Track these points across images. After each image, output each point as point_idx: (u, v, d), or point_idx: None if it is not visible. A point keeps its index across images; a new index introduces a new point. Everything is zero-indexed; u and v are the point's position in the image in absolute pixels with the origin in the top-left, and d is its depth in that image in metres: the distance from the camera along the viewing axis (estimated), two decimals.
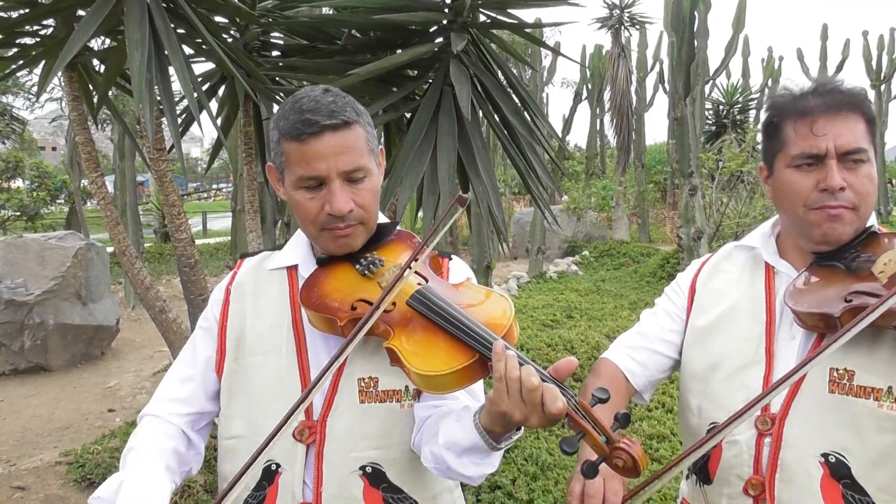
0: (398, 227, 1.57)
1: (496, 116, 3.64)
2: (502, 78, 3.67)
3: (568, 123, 19.05)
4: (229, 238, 9.40)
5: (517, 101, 3.64)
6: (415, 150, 3.29)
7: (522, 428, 1.28)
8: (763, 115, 1.62)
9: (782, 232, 1.64)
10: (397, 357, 1.27)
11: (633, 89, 17.57)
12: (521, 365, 1.18)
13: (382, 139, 4.26)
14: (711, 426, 1.55)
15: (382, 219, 1.55)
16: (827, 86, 1.50)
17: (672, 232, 15.81)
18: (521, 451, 4.17)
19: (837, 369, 1.41)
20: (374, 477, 1.42)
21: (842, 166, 1.44)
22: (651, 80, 18.51)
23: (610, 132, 18.61)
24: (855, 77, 18.88)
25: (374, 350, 1.41)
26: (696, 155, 7.80)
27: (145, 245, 14.61)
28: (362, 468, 1.42)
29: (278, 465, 1.43)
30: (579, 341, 5.98)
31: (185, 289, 3.60)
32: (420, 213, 3.54)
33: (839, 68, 18.40)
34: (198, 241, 18.32)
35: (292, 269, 1.55)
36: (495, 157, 17.42)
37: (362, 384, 1.43)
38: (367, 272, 1.43)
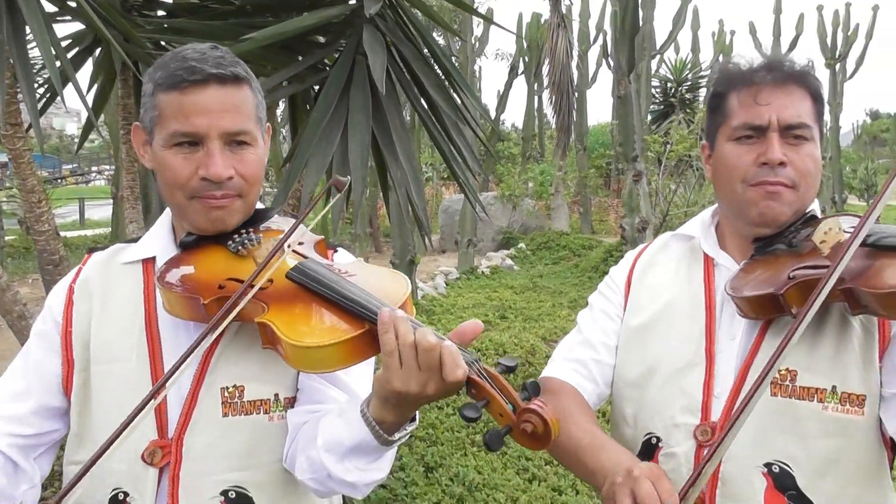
0: (277, 215, 1.55)
1: (417, 91, 3.60)
2: (425, 48, 3.63)
3: (503, 100, 19.20)
4: (110, 229, 9.09)
5: (441, 74, 3.61)
6: (322, 128, 3.21)
7: (417, 419, 1.28)
8: (710, 89, 1.67)
9: (722, 219, 1.69)
10: (271, 332, 1.23)
11: (574, 64, 17.82)
12: (415, 329, 1.16)
13: (288, 116, 4.16)
14: (647, 437, 1.57)
15: (259, 205, 1.52)
16: (776, 61, 1.57)
17: (616, 222, 16.12)
18: (445, 471, 4.17)
19: (780, 369, 1.45)
20: (239, 503, 1.38)
21: (784, 141, 1.50)
22: (594, 53, 18.80)
23: (549, 111, 18.84)
24: (809, 55, 19.63)
25: (239, 354, 1.37)
26: (640, 137, 7.95)
27: (6, 238, 13.97)
28: (224, 493, 1.37)
29: (126, 494, 1.37)
30: (512, 344, 6.02)
31: (49, 290, 3.43)
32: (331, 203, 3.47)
33: (793, 44, 19.11)
34: (74, 233, 17.72)
35: (149, 263, 1.50)
36: (421, 137, 17.42)
37: (226, 394, 1.38)
38: (240, 249, 1.40)
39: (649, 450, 1.56)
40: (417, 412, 1.27)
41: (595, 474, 1.39)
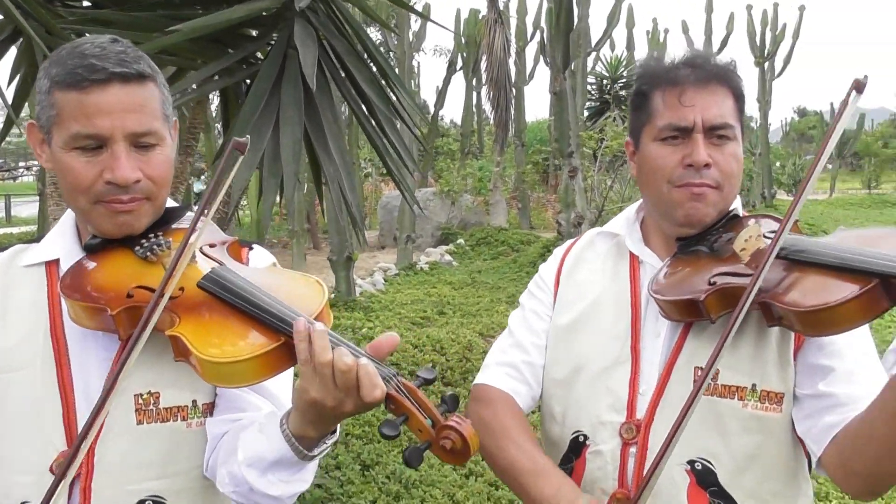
0: (189, 212, 1.48)
1: (351, 87, 3.56)
2: (358, 43, 3.60)
3: (441, 96, 19.19)
4: (37, 227, 8.81)
5: (375, 69, 3.57)
6: (252, 123, 3.15)
7: (337, 432, 1.26)
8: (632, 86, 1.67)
9: (646, 216, 1.69)
10: (183, 346, 1.19)
11: (511, 60, 17.90)
12: (333, 347, 1.14)
13: (220, 110, 4.08)
14: (575, 434, 1.57)
15: (171, 203, 1.46)
16: (698, 58, 1.56)
17: (554, 217, 16.26)
18: (382, 468, 4.15)
19: (701, 368, 1.46)
20: None
21: (708, 142, 1.50)
22: (532, 50, 18.91)
23: (487, 107, 18.87)
24: (739, 53, 20.12)
25: (153, 358, 1.31)
26: (576, 133, 8.05)
27: None
28: (141, 503, 1.32)
29: None
30: (449, 340, 6.02)
31: None
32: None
33: (724, 43, 19.54)
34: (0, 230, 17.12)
35: (52, 265, 1.42)
36: (360, 132, 17.32)
37: (140, 401, 1.32)
38: (149, 255, 1.34)
39: (577, 448, 1.57)
40: (339, 426, 1.25)
41: (535, 503, 1.40)
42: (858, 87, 1.28)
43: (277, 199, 3.54)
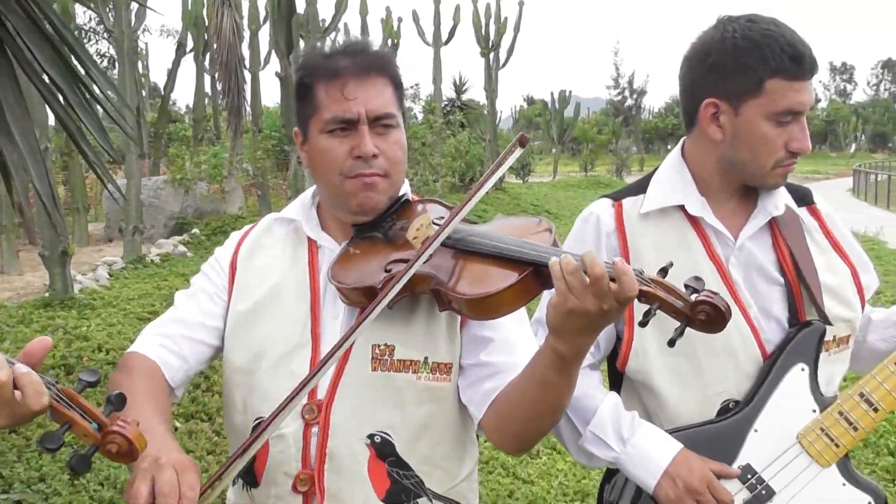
0: None
1: (38, 67, 3.27)
2: (45, 21, 3.30)
3: (171, 79, 18.25)
4: None
5: (66, 49, 3.31)
6: None
7: None
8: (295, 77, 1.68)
9: (322, 202, 1.73)
10: None
11: (245, 44, 17.36)
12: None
13: None
14: (257, 421, 1.56)
15: None
16: (356, 46, 1.62)
17: (287, 203, 16.07)
18: (94, 475, 3.89)
19: (379, 345, 1.54)
20: None
21: (373, 132, 1.56)
22: (266, 34, 18.41)
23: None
24: (467, 44, 21.08)
25: None
26: None
27: None
28: None
29: None
30: None
31: None
32: None
33: (451, 34, 20.36)
34: None
35: None
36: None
37: None
38: None
39: None
40: None
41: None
42: (522, 141, 1.43)
43: None
